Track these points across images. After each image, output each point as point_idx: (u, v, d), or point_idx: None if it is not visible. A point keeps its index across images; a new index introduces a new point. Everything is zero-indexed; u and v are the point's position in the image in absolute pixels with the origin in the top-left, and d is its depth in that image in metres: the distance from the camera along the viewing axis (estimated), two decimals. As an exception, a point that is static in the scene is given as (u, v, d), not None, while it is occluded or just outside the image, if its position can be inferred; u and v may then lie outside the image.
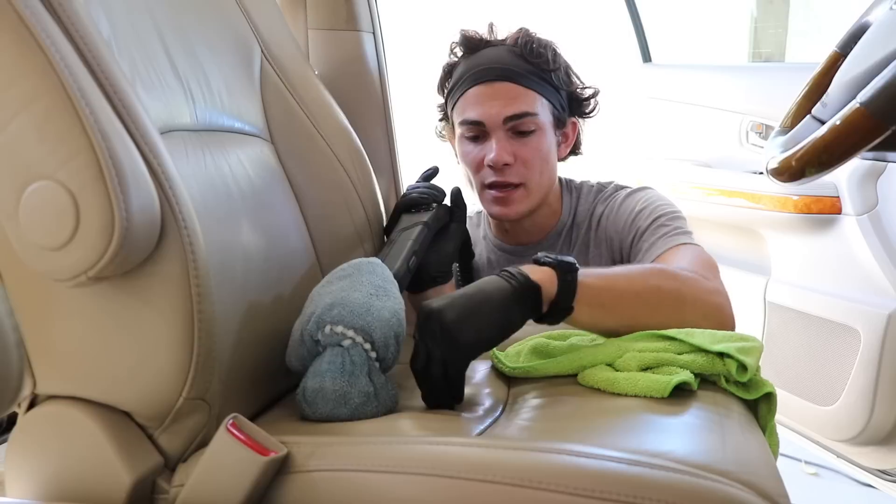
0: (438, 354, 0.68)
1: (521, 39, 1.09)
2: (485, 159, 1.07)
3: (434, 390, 0.70)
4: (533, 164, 1.08)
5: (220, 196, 0.73)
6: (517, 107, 1.06)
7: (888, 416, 1.32)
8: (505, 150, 1.06)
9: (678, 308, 0.78)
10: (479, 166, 1.09)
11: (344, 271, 0.76)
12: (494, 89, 1.07)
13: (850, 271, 1.37)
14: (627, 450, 0.53)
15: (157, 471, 0.60)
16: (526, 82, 1.07)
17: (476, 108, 1.08)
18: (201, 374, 0.59)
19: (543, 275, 0.73)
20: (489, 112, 1.06)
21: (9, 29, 0.52)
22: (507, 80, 1.07)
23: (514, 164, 1.07)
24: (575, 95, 1.14)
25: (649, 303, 0.77)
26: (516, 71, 1.07)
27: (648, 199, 1.07)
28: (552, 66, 1.09)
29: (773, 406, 0.72)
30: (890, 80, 0.64)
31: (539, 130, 1.08)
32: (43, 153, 0.52)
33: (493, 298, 0.70)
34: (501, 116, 1.06)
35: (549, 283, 0.72)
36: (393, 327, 0.70)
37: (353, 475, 0.57)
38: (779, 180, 0.82)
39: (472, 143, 1.10)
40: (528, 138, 1.07)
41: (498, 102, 1.06)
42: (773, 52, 2.93)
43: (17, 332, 0.40)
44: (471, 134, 1.10)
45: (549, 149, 1.10)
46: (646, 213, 1.04)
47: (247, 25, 0.92)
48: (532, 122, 1.07)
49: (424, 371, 0.69)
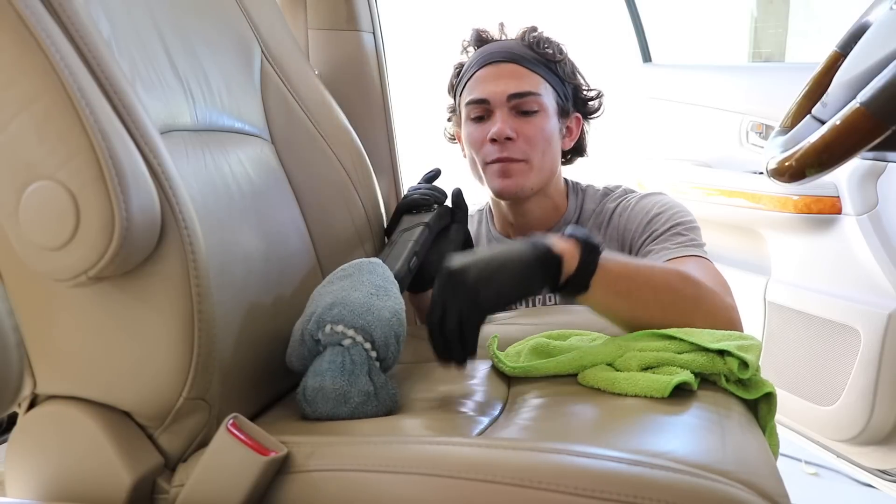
0: (456, 310, 0.69)
1: (529, 34, 1.13)
2: (488, 135, 1.08)
3: (448, 344, 0.71)
4: (536, 142, 1.09)
5: (221, 196, 0.73)
6: (521, 85, 1.08)
7: (888, 416, 1.32)
8: (507, 125, 1.07)
9: (690, 314, 0.78)
10: (482, 143, 1.10)
11: (345, 271, 0.76)
12: (499, 70, 1.10)
13: (850, 271, 1.37)
14: (627, 450, 0.53)
15: (157, 471, 0.60)
16: (531, 66, 1.10)
17: (482, 86, 1.10)
18: (201, 374, 0.59)
19: (567, 247, 0.73)
20: (494, 90, 1.09)
21: (9, 29, 0.52)
22: (512, 62, 1.10)
23: (516, 140, 1.08)
24: (579, 91, 1.16)
25: (663, 302, 0.77)
26: (522, 55, 1.10)
27: (667, 205, 1.07)
28: (558, 57, 1.12)
29: (773, 406, 0.71)
30: (890, 80, 0.64)
31: (542, 111, 1.09)
32: (43, 153, 0.52)
33: (513, 261, 0.71)
34: (506, 94, 1.08)
35: (571, 256, 0.73)
36: (393, 327, 0.70)
37: (353, 475, 0.57)
38: (779, 180, 0.82)
39: (476, 123, 1.12)
40: (532, 117, 1.09)
41: (503, 81, 1.09)
42: (773, 52, 2.93)
43: (17, 332, 0.40)
44: (476, 114, 1.11)
45: (551, 132, 1.11)
46: (664, 218, 1.04)
47: (247, 25, 0.92)
48: (535, 101, 1.09)
49: (440, 325, 0.70)
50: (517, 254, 0.72)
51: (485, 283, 0.69)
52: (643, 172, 1.90)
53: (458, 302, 0.69)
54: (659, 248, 1.00)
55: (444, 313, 0.70)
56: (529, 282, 0.72)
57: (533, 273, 0.72)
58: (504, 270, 0.71)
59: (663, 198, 1.09)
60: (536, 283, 0.72)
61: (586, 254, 0.74)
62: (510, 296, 0.71)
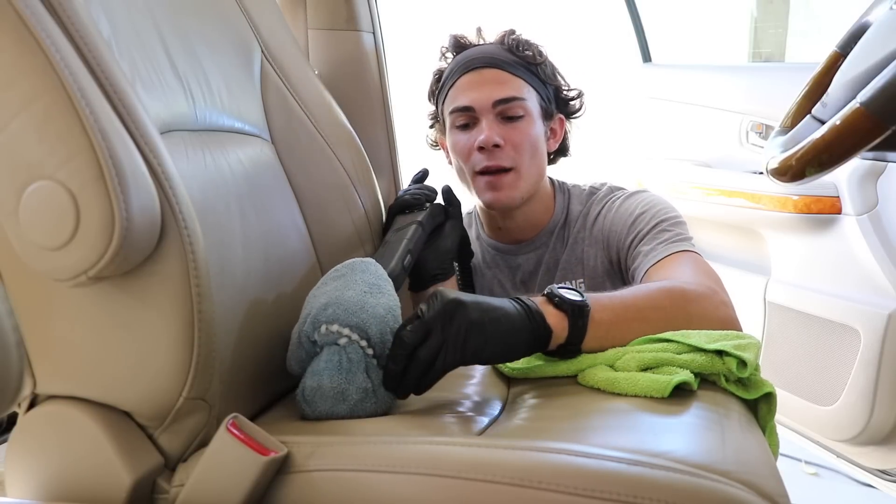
0: (439, 342, 0.67)
1: (508, 38, 1.12)
2: (475, 143, 1.08)
3: (409, 371, 0.68)
4: (523, 148, 1.08)
5: (220, 196, 0.73)
6: (506, 91, 1.08)
7: (888, 416, 1.32)
8: (494, 132, 1.07)
9: (685, 327, 0.77)
10: (469, 152, 1.09)
11: (338, 272, 0.76)
12: (483, 76, 1.09)
13: (850, 271, 1.37)
14: (627, 450, 0.53)
15: (157, 471, 0.60)
16: (513, 70, 1.09)
17: (465, 94, 1.09)
18: (201, 374, 0.59)
19: (556, 320, 0.73)
20: (479, 97, 1.08)
21: (9, 29, 0.52)
22: (495, 67, 1.09)
23: (504, 146, 1.07)
24: (560, 93, 1.16)
25: (657, 326, 0.77)
26: (504, 60, 1.09)
27: (649, 203, 1.06)
28: (538, 59, 1.11)
29: (773, 406, 0.72)
30: (890, 80, 0.64)
31: (528, 116, 1.09)
32: (43, 153, 0.52)
33: (510, 321, 0.70)
34: (491, 100, 1.07)
35: (561, 328, 0.73)
36: (388, 323, 0.70)
37: (353, 475, 0.57)
38: (779, 180, 0.82)
39: (462, 131, 1.11)
40: (518, 123, 1.08)
41: (487, 87, 1.08)
42: (773, 52, 2.93)
43: (17, 332, 0.40)
44: (461, 122, 1.10)
45: (537, 136, 1.10)
46: (647, 217, 1.03)
47: (247, 25, 0.92)
48: (520, 106, 1.08)
49: (413, 349, 0.67)
50: (514, 316, 0.70)
51: (478, 330, 0.67)
52: (643, 172, 1.90)
53: (446, 335, 0.66)
54: (647, 251, 0.99)
55: (426, 338, 0.67)
56: (516, 346, 0.71)
57: (522, 338, 0.70)
58: (499, 326, 0.69)
59: (647, 195, 1.09)
60: (522, 349, 0.72)
61: (575, 320, 0.73)
62: (494, 353, 0.70)
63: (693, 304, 0.80)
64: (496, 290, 1.16)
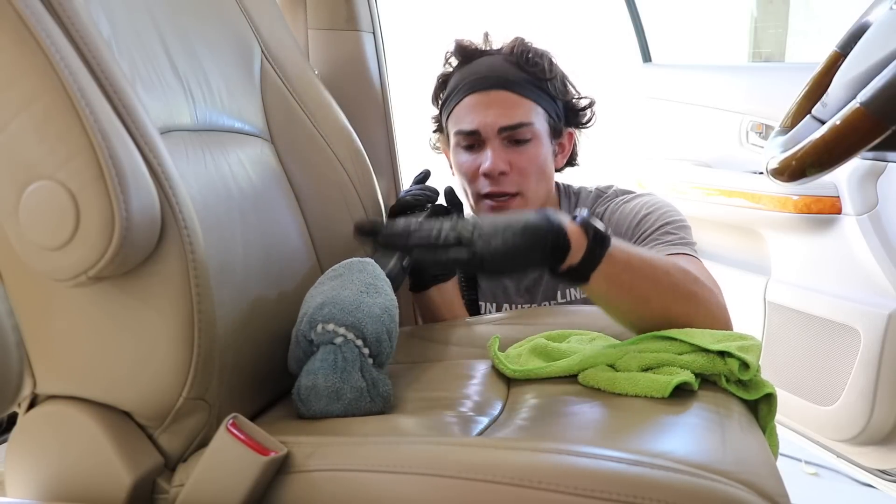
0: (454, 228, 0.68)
1: (517, 48, 1.08)
2: (480, 168, 1.06)
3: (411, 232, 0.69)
4: (529, 173, 1.06)
5: (220, 196, 0.73)
6: (513, 117, 1.05)
7: (888, 416, 1.32)
8: (500, 159, 1.05)
9: (687, 309, 0.77)
10: (474, 176, 1.08)
11: (335, 271, 0.76)
12: (490, 98, 1.06)
13: (850, 271, 1.37)
14: (627, 450, 0.53)
15: (157, 471, 0.60)
16: (522, 91, 1.06)
17: (471, 117, 1.06)
18: (201, 374, 0.59)
19: (576, 237, 0.71)
20: (485, 121, 1.05)
21: (9, 29, 0.52)
22: (502, 89, 1.06)
23: (509, 172, 1.05)
24: (571, 105, 1.13)
25: (663, 295, 0.76)
26: (512, 79, 1.06)
27: (656, 205, 1.05)
28: (548, 75, 1.08)
29: (773, 406, 0.72)
30: (890, 80, 0.64)
31: (535, 139, 1.07)
32: (43, 153, 0.52)
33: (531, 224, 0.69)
34: (497, 126, 1.05)
35: (578, 246, 0.71)
36: (384, 323, 0.70)
37: (353, 475, 0.57)
38: (779, 180, 0.82)
39: (467, 152, 1.09)
40: (524, 147, 1.06)
41: (493, 111, 1.05)
42: (773, 52, 2.93)
43: (17, 332, 0.40)
44: (466, 143, 1.08)
45: (545, 158, 1.09)
46: (653, 218, 1.03)
47: (247, 25, 0.92)
48: (528, 131, 1.06)
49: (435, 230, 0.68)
50: (536, 220, 0.69)
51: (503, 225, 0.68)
52: (643, 172, 1.90)
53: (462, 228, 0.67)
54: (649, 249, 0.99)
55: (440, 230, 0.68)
56: (531, 253, 0.69)
57: (538, 246, 0.69)
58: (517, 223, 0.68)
59: (652, 198, 1.08)
60: (536, 258, 0.70)
61: (593, 246, 0.72)
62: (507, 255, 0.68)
63: (699, 287, 0.80)
64: (499, 296, 1.14)
